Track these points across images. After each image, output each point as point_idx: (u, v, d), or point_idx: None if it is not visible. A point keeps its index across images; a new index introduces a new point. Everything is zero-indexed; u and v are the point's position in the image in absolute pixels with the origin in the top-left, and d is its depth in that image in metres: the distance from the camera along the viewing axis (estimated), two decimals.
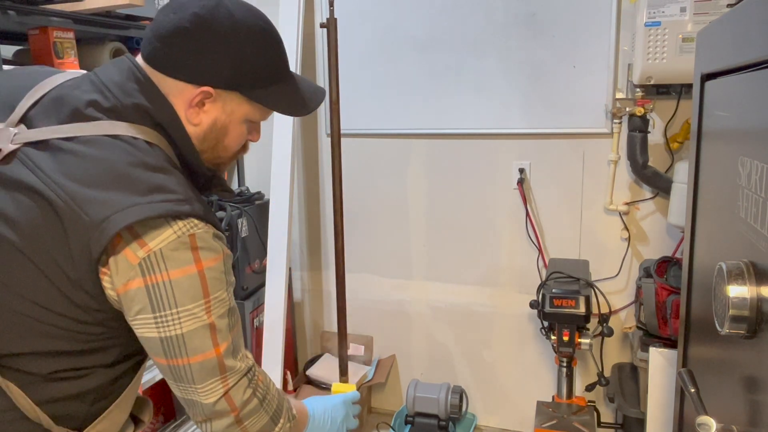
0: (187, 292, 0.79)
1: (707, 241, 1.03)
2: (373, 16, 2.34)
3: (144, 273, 0.78)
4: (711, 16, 1.71)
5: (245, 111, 0.92)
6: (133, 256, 0.77)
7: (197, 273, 0.80)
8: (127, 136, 0.83)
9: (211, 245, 0.81)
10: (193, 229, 0.79)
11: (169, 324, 0.80)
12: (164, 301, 0.79)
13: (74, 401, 0.86)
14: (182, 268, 0.79)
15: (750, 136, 0.77)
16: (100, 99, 0.85)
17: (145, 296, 0.78)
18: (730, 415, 0.81)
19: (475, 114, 2.26)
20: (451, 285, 2.43)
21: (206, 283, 0.81)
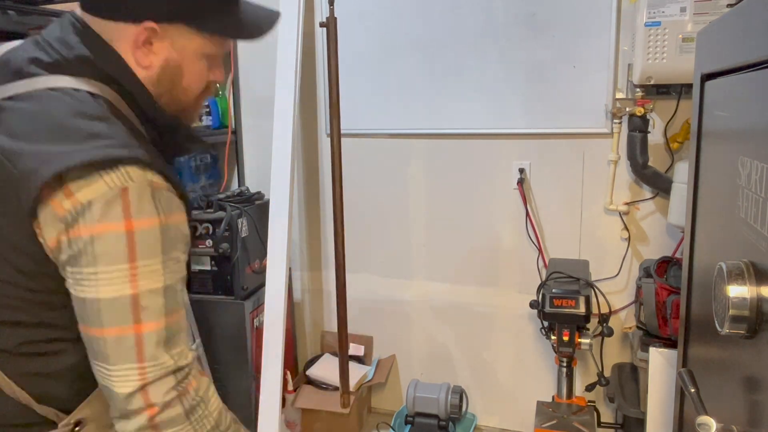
0: (108, 252, 0.72)
1: (707, 241, 1.03)
2: (373, 16, 2.34)
3: (68, 226, 0.72)
4: (711, 16, 1.71)
5: (197, 44, 0.86)
6: (60, 207, 0.71)
7: (124, 233, 0.72)
8: (67, 87, 0.78)
9: (145, 205, 0.73)
10: (127, 182, 0.72)
11: (85, 284, 0.73)
12: (84, 257, 0.72)
13: (50, 380, 0.81)
14: (107, 223, 0.71)
15: (750, 136, 0.77)
16: (42, 55, 0.81)
17: (68, 250, 0.72)
18: (730, 415, 0.81)
19: (475, 114, 2.26)
20: (451, 285, 2.43)
21: (134, 245, 0.72)
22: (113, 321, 0.73)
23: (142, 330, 0.74)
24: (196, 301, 2.14)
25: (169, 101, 0.88)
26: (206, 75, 0.91)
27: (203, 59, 0.88)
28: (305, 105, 2.49)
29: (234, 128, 2.54)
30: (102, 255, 0.72)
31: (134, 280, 0.73)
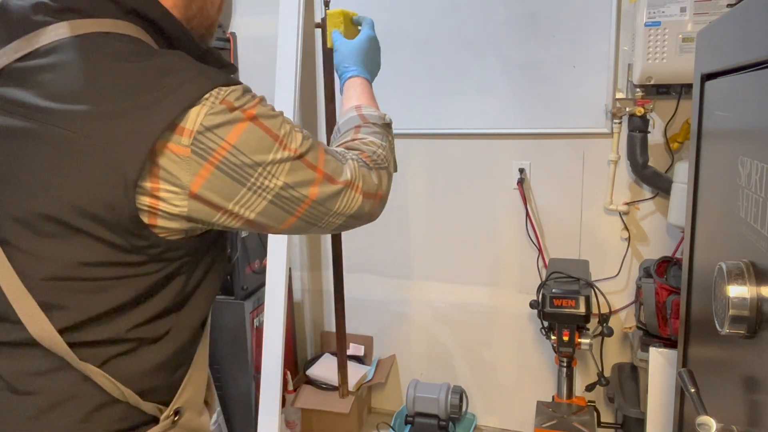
0: (257, 145, 0.69)
1: (707, 241, 1.03)
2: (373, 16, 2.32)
3: (204, 156, 0.66)
4: (711, 16, 1.71)
5: None
6: (180, 148, 0.65)
7: (251, 124, 0.69)
8: (93, 32, 0.68)
9: (245, 97, 0.70)
10: (221, 94, 0.67)
11: (266, 184, 0.70)
12: (245, 168, 0.68)
13: (157, 372, 0.75)
14: (235, 127, 0.67)
15: (750, 136, 0.77)
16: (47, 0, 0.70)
17: (225, 177, 0.67)
18: (730, 415, 0.81)
19: (476, 114, 2.26)
20: (451, 285, 2.43)
21: (267, 126, 0.70)
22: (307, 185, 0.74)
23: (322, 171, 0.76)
24: None
25: (197, 24, 0.81)
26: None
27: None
28: (305, 105, 2.49)
29: None
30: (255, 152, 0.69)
31: (288, 148, 0.72)
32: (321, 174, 0.76)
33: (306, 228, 0.79)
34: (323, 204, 0.77)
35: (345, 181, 0.79)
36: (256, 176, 0.70)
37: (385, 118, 0.96)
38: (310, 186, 0.74)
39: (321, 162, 0.76)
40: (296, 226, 0.77)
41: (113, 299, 0.69)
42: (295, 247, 2.63)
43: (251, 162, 0.69)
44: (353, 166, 0.81)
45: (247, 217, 0.72)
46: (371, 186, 0.83)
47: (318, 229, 0.80)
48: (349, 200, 0.79)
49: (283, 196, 0.73)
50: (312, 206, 0.76)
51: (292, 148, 0.72)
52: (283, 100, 2.15)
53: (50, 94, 0.64)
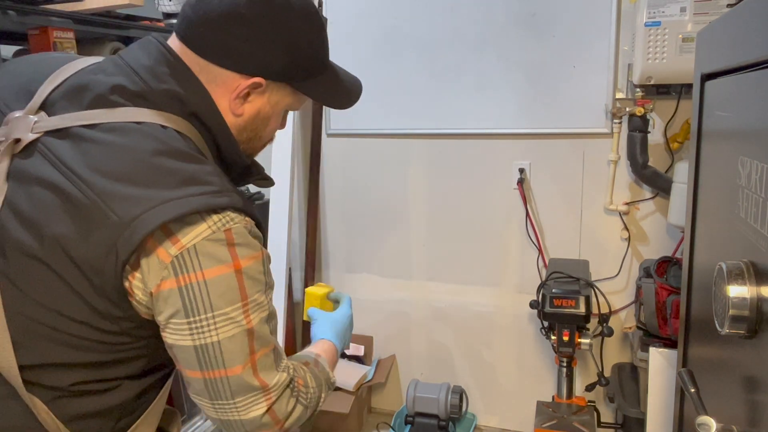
0: (224, 293, 0.72)
1: (707, 241, 1.03)
2: (373, 16, 2.34)
3: (177, 272, 0.71)
4: (711, 16, 1.71)
5: (289, 101, 0.87)
6: (165, 254, 0.70)
7: (233, 272, 0.72)
8: (154, 123, 0.76)
9: (248, 241, 0.74)
10: (229, 223, 0.73)
11: (204, 330, 0.72)
12: (199, 304, 0.72)
13: (99, 418, 0.79)
14: (218, 266, 0.71)
15: (750, 136, 0.77)
16: (127, 83, 0.77)
17: (178, 298, 0.71)
18: (730, 415, 0.81)
19: (475, 114, 2.26)
20: (451, 285, 2.43)
21: (243, 284, 0.73)
22: (235, 359, 0.74)
23: (256, 358, 0.75)
24: None
25: (247, 146, 0.88)
26: (281, 126, 0.93)
27: (283, 114, 0.91)
28: (305, 105, 2.48)
29: None
30: (218, 298, 0.72)
31: (248, 316, 0.74)
32: (251, 362, 0.75)
33: (201, 392, 0.77)
34: (231, 386, 0.75)
35: (266, 384, 0.77)
36: (202, 317, 0.72)
37: (331, 378, 0.94)
38: (235, 363, 0.74)
39: (260, 353, 0.76)
40: (196, 382, 0.76)
41: (75, 357, 0.75)
42: (295, 247, 2.63)
43: (207, 304, 0.72)
44: (283, 382, 0.79)
45: (167, 339, 0.75)
46: (281, 410, 0.79)
47: (208, 404, 0.77)
48: (253, 402, 0.76)
49: (208, 352, 0.74)
50: (221, 380, 0.75)
51: (250, 318, 0.74)
52: None
53: (94, 166, 0.72)
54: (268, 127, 0.89)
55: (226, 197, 0.73)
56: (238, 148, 0.85)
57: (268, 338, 0.77)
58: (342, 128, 2.37)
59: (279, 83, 0.84)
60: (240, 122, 0.85)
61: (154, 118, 0.76)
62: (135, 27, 1.99)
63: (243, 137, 0.86)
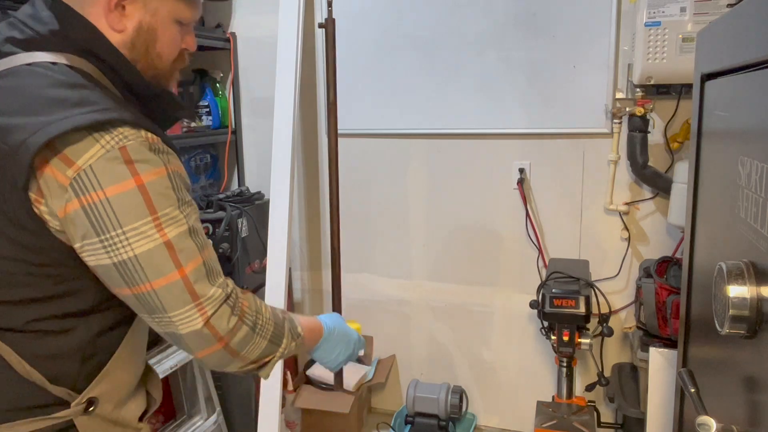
0: (130, 209, 0.74)
1: (707, 241, 1.03)
2: (373, 16, 2.34)
3: (78, 193, 0.72)
4: (711, 16, 1.71)
5: (169, 7, 0.87)
6: (62, 176, 0.72)
7: (136, 188, 0.74)
8: (44, 62, 0.79)
9: (148, 157, 0.75)
10: (122, 141, 0.74)
11: (118, 247, 0.74)
12: (106, 221, 0.73)
13: (63, 359, 0.82)
14: (118, 183, 0.73)
15: (750, 136, 0.77)
16: (16, 34, 0.81)
17: (84, 219, 0.73)
18: (730, 415, 0.81)
19: (475, 114, 2.26)
20: (451, 285, 2.43)
21: (149, 198, 0.75)
22: (158, 272, 0.76)
23: (185, 272, 0.77)
24: None
25: (144, 67, 0.88)
26: (179, 41, 0.91)
27: (176, 24, 0.89)
28: (305, 105, 2.49)
29: (234, 128, 2.54)
30: (124, 214, 0.74)
31: (161, 230, 0.75)
32: (181, 274, 0.76)
33: (137, 308, 0.79)
34: (163, 301, 0.76)
35: (198, 297, 0.77)
36: (113, 235, 0.74)
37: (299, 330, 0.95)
38: (159, 276, 0.76)
39: (190, 266, 0.77)
40: (128, 299, 0.78)
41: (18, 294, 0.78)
42: (295, 246, 2.64)
43: (114, 219, 0.73)
44: (218, 297, 0.79)
45: (90, 263, 0.77)
46: (221, 326, 0.79)
47: (149, 318, 0.79)
48: (189, 317, 0.77)
49: (127, 268, 0.75)
50: (150, 294, 0.76)
51: (164, 232, 0.75)
52: (283, 100, 2.15)
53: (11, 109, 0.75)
54: (160, 41, 0.88)
55: (114, 113, 0.74)
56: (133, 68, 0.86)
57: (194, 252, 0.78)
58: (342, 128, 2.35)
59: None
60: (126, 39, 0.85)
61: (46, 57, 0.79)
62: None
63: (136, 55, 0.86)
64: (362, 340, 1.16)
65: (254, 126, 2.58)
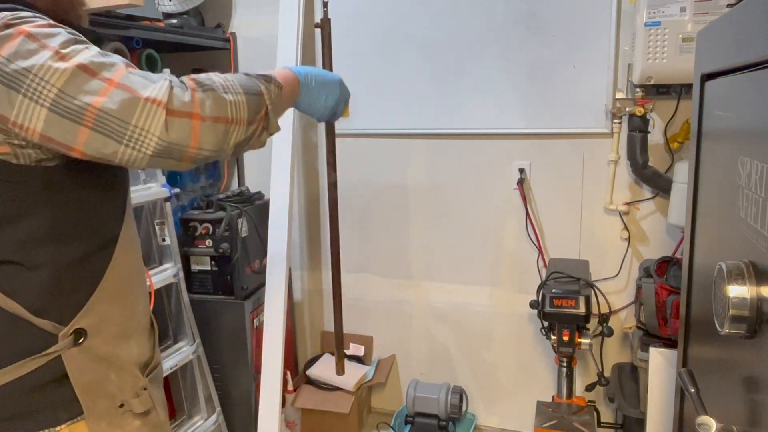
0: (27, 54, 0.74)
1: (707, 241, 1.03)
2: (373, 17, 2.34)
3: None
4: (711, 16, 1.71)
5: None
6: None
7: (23, 37, 0.74)
8: None
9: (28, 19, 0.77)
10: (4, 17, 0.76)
11: (40, 90, 0.73)
12: (15, 76, 0.73)
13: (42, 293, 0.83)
14: (7, 43, 0.74)
15: (750, 136, 0.77)
16: None
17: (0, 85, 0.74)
18: (730, 415, 0.81)
19: (475, 114, 2.26)
20: (451, 285, 2.43)
21: (40, 40, 0.75)
22: (91, 91, 0.74)
23: (115, 82, 0.74)
24: (196, 301, 2.14)
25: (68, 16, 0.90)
26: None
27: None
28: None
29: None
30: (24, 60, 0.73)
31: (68, 58, 0.74)
32: (113, 84, 0.74)
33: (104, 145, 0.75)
34: (117, 114, 0.73)
35: (147, 95, 0.74)
36: (29, 82, 0.73)
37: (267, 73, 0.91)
38: (94, 95, 0.73)
39: (117, 75, 0.75)
40: (96, 140, 0.74)
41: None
42: (295, 246, 2.64)
43: (20, 68, 0.73)
44: (162, 85, 0.76)
45: (35, 129, 0.74)
46: (180, 103, 0.75)
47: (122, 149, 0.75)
48: (149, 114, 0.73)
49: (62, 104, 0.73)
50: (100, 115, 0.73)
51: (67, 58, 0.74)
52: None
53: None
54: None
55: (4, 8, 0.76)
56: None
57: (114, 63, 0.77)
58: (342, 128, 2.36)
59: None
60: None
61: None
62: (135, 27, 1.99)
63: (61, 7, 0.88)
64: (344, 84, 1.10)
65: None
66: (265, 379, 2.08)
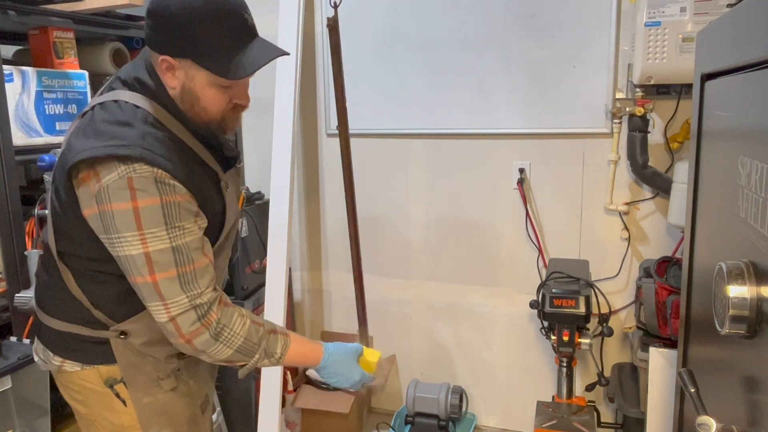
0: (124, 222, 0.99)
1: (707, 241, 1.03)
2: (373, 17, 2.34)
3: (97, 202, 1.00)
4: (711, 16, 1.71)
5: (204, 76, 1.05)
6: (93, 188, 0.99)
7: (132, 209, 0.98)
8: (121, 100, 1.06)
9: (147, 188, 0.98)
10: (131, 173, 0.98)
11: (115, 245, 1.01)
12: (110, 226, 1.00)
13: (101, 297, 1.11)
14: (120, 202, 0.98)
15: (750, 136, 0.77)
16: (123, 75, 1.10)
17: (99, 221, 1.01)
18: (730, 415, 0.81)
19: (475, 114, 2.26)
20: (451, 285, 2.43)
21: (139, 218, 0.99)
22: (138, 272, 1.01)
23: (156, 279, 1.01)
24: None
25: (194, 116, 1.10)
26: (223, 99, 1.09)
27: (215, 87, 1.07)
28: (305, 105, 2.49)
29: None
30: (120, 225, 0.99)
31: (144, 243, 1.00)
32: (152, 279, 1.01)
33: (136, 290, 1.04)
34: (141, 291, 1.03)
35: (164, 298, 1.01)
36: (113, 237, 1.01)
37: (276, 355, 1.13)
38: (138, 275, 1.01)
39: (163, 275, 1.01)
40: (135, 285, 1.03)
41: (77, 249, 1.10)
42: (295, 246, 2.64)
43: (114, 227, 1.00)
44: (184, 303, 1.02)
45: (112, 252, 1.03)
46: (184, 326, 1.03)
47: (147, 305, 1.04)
48: (158, 310, 1.02)
49: (122, 262, 1.02)
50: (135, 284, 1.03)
51: (147, 245, 0.99)
52: (283, 100, 2.15)
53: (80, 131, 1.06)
54: (202, 99, 1.08)
55: (127, 148, 0.98)
56: (183, 114, 1.09)
57: (168, 265, 1.01)
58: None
59: (183, 59, 1.04)
60: (177, 93, 1.08)
61: (125, 96, 1.07)
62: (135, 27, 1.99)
63: (185, 106, 1.08)
64: (368, 376, 1.26)
65: (254, 126, 2.58)
66: (265, 379, 2.08)
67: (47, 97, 1.73)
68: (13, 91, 1.64)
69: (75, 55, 1.84)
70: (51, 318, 1.16)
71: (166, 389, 1.18)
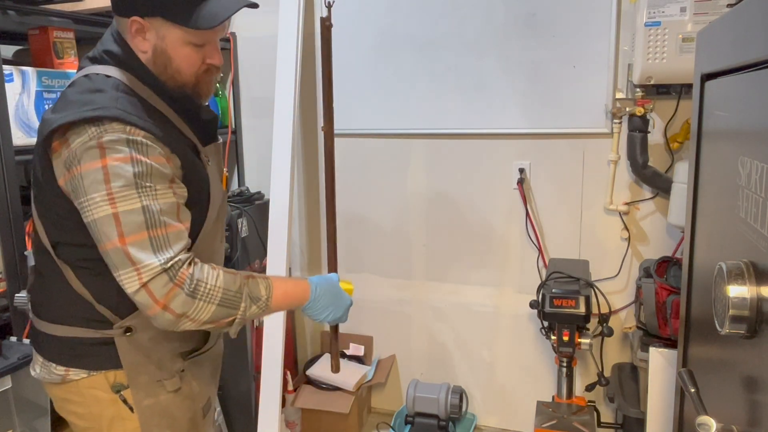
0: (93, 183, 0.95)
1: (707, 241, 1.03)
2: (373, 17, 2.34)
3: (67, 168, 0.97)
4: (711, 16, 1.71)
5: (176, 34, 1.04)
6: (63, 154, 0.97)
7: (100, 167, 0.94)
8: (92, 73, 1.04)
9: (118, 146, 0.95)
10: (102, 133, 0.95)
11: (85, 209, 0.96)
12: (79, 188, 0.96)
13: (105, 290, 1.06)
14: (90, 162, 0.95)
15: (750, 136, 0.77)
16: (91, 54, 1.08)
17: (70, 186, 0.98)
18: (730, 415, 0.81)
19: (475, 114, 2.26)
20: (451, 285, 2.43)
21: (108, 176, 0.94)
22: (106, 237, 0.96)
23: (125, 242, 0.95)
24: None
25: (167, 79, 1.07)
26: (196, 58, 1.08)
27: (188, 45, 1.05)
28: (305, 105, 2.49)
29: (234, 128, 2.54)
30: (88, 186, 0.95)
31: (112, 202, 0.95)
32: (121, 242, 0.95)
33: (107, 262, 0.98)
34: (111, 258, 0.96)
35: (135, 263, 0.95)
36: (84, 200, 0.97)
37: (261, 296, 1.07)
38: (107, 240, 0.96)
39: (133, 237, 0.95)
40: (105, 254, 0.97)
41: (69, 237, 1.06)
42: (295, 246, 2.63)
43: (83, 189, 0.96)
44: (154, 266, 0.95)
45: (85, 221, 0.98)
46: (157, 291, 0.95)
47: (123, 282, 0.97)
48: (129, 278, 0.95)
49: (92, 228, 0.97)
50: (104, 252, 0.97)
51: (115, 205, 0.95)
52: (283, 100, 2.15)
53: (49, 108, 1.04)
54: (175, 60, 1.06)
55: (103, 111, 0.96)
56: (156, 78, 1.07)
57: (138, 227, 0.95)
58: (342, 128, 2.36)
59: (153, 18, 1.02)
60: (149, 57, 1.06)
61: (97, 69, 1.05)
62: None
63: (158, 70, 1.07)
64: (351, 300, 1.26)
65: (254, 126, 2.58)
66: (265, 379, 2.08)
67: (47, 97, 1.73)
68: (13, 91, 1.64)
69: (75, 55, 1.84)
70: (51, 324, 1.11)
71: (170, 390, 1.14)
